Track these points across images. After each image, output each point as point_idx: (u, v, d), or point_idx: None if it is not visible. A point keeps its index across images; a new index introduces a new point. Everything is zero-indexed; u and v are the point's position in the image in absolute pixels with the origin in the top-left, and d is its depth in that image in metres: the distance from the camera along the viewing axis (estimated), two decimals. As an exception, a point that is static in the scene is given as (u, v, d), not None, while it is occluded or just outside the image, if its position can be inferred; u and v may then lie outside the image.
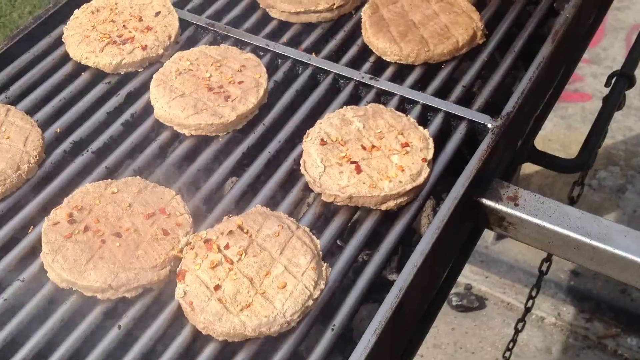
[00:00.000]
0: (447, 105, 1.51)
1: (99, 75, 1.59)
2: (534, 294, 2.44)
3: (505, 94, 1.57)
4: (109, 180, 1.32)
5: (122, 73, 1.59)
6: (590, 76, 5.26)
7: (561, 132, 4.36)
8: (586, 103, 5.02)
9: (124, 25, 1.64)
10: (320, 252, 1.22)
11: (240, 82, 1.52)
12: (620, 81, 1.98)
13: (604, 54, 5.45)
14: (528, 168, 3.75)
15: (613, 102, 1.94)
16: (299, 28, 1.73)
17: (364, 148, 1.38)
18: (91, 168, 1.40)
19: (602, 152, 4.16)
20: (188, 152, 1.44)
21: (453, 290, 3.17)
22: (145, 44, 1.60)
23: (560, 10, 1.72)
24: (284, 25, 1.74)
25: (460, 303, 3.28)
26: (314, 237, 1.24)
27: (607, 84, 2.03)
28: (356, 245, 1.27)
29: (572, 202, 2.38)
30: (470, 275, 3.50)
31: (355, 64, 1.64)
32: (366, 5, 1.71)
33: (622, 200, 3.97)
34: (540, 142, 1.87)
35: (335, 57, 1.66)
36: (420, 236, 1.32)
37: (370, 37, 1.64)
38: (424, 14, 1.67)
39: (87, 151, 1.43)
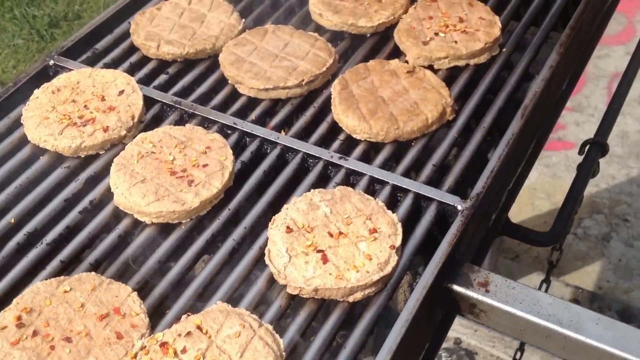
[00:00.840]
0: (416, 186, 1.47)
1: (58, 159, 1.54)
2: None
3: (476, 171, 1.53)
4: (62, 277, 1.26)
5: (82, 156, 1.54)
6: (573, 124, 5.29)
7: (546, 181, 4.35)
8: (569, 151, 5.03)
9: (85, 106, 1.60)
10: (284, 353, 1.16)
11: (204, 165, 1.47)
12: (593, 150, 1.95)
13: (586, 101, 5.48)
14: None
15: (586, 171, 1.91)
16: (268, 104, 1.69)
17: (330, 235, 1.33)
18: (45, 262, 1.33)
19: (586, 200, 4.14)
20: (148, 242, 1.38)
21: (442, 346, 3.12)
22: (107, 125, 1.55)
23: (535, 74, 1.69)
24: (252, 102, 1.70)
25: (450, 359, 3.22)
26: (277, 337, 1.18)
27: (580, 152, 2.00)
28: (319, 345, 1.21)
29: (551, 266, 2.34)
30: (459, 329, 3.44)
31: (324, 142, 1.60)
32: (336, 81, 1.68)
33: (607, 248, 3.95)
34: (526, 191, 1.83)
35: (304, 134, 1.62)
36: (397, 313, 1.27)
37: (340, 114, 1.60)
38: (393, 90, 1.64)
39: (42, 243, 1.37)
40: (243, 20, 1.86)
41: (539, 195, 4.14)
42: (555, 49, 1.74)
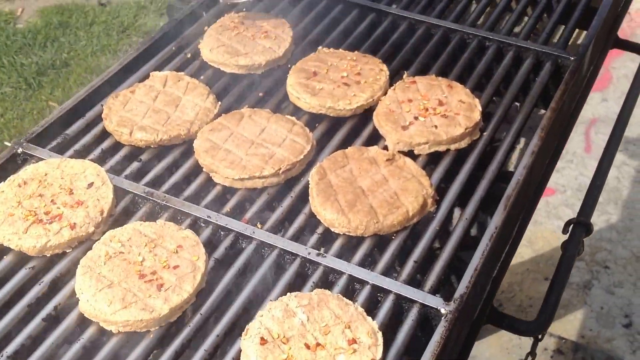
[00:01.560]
0: (397, 287, 1.41)
1: (22, 258, 1.47)
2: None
3: (459, 268, 1.47)
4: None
5: (48, 255, 1.47)
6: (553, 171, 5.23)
7: (527, 228, 4.34)
8: (550, 197, 5.01)
9: (52, 200, 1.53)
10: None
11: (175, 267, 1.41)
12: (577, 229, 1.91)
13: (565, 148, 5.46)
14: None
15: (572, 254, 1.86)
16: (244, 194, 1.63)
17: (307, 347, 1.26)
18: (5, 379, 1.26)
19: None
20: (114, 354, 1.31)
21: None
22: (75, 222, 1.49)
23: (513, 170, 1.65)
24: (227, 191, 1.64)
25: None
26: None
27: (564, 231, 1.96)
28: None
29: (536, 340, 2.28)
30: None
31: (302, 235, 1.54)
32: (313, 170, 1.62)
33: (589, 296, 3.91)
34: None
35: (281, 227, 1.57)
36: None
37: (318, 206, 1.55)
38: (373, 180, 1.59)
39: (2, 356, 1.30)
40: (219, 103, 1.81)
41: (520, 242, 4.12)
42: (537, 133, 1.70)
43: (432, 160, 1.69)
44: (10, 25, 6.01)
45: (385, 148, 1.70)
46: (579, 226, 1.89)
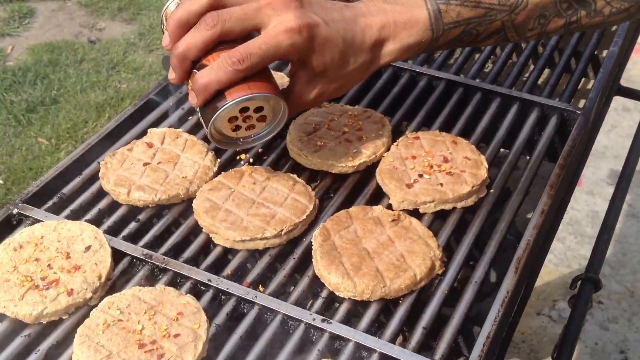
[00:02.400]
0: (406, 356, 1.36)
1: (18, 325, 1.42)
2: None
3: (469, 332, 1.43)
4: None
5: (44, 322, 1.42)
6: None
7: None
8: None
9: (49, 265, 1.49)
10: None
11: (176, 335, 1.36)
12: (586, 285, 1.87)
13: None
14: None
15: (582, 311, 1.82)
16: (245, 256, 1.59)
17: (314, 422, 1.21)
18: None
19: (559, 282, 4.07)
20: None
21: None
22: (72, 288, 1.44)
23: (522, 232, 1.61)
24: (228, 252, 1.60)
25: None
26: None
27: (571, 286, 1.92)
28: None
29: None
30: None
31: (306, 300, 1.50)
32: (317, 231, 1.58)
33: (583, 332, 3.87)
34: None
35: (283, 290, 1.52)
36: None
37: (322, 270, 1.50)
38: (378, 241, 1.55)
39: None
40: (218, 160, 1.78)
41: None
42: (545, 191, 1.67)
43: (438, 219, 1.65)
44: (1, 63, 6.03)
45: (390, 207, 1.66)
46: (588, 282, 1.85)
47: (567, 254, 4.35)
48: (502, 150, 1.86)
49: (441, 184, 1.67)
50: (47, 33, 6.69)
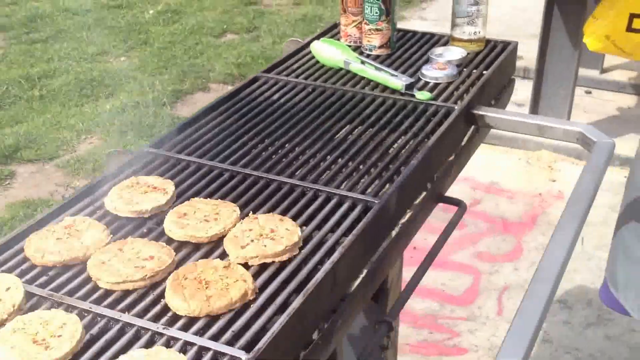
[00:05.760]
0: (216, 345, 2.00)
1: (-48, 335, 2.06)
2: None
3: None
4: None
5: (-29, 333, 2.06)
6: (467, 332, 5.85)
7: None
8: (464, 356, 5.55)
9: (-22, 297, 2.15)
10: None
11: (59, 336, 2.00)
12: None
13: (479, 312, 6.10)
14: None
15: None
16: (119, 293, 2.25)
17: (140, 377, 1.84)
18: None
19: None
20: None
21: None
22: (-8, 310, 2.10)
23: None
24: (110, 293, 2.26)
25: None
26: None
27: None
28: None
29: None
30: None
31: (157, 318, 2.15)
32: (171, 275, 2.26)
33: None
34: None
35: (146, 313, 2.17)
36: None
37: (169, 297, 2.17)
38: (212, 279, 2.22)
39: None
40: (111, 235, 2.48)
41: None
42: (338, 250, 2.37)
43: (260, 269, 2.34)
44: (-22, 221, 6.74)
45: (227, 261, 2.35)
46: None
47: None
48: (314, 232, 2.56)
49: (265, 245, 2.37)
50: (25, 192, 7.51)
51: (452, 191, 3.25)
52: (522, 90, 8.13)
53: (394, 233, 2.72)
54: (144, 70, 9.60)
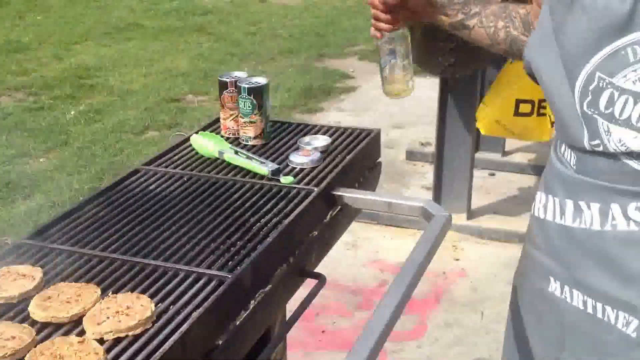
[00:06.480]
0: None
1: None
2: None
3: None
4: None
5: None
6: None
7: None
8: None
9: None
10: None
11: None
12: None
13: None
14: None
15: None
16: None
17: None
18: None
19: None
20: None
21: None
22: None
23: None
24: None
25: None
26: None
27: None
28: None
29: None
30: None
31: (10, 393, 2.31)
32: (30, 352, 2.44)
33: None
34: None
35: (-1, 390, 2.33)
36: None
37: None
38: (68, 351, 2.41)
39: None
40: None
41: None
42: (187, 322, 2.59)
43: (115, 342, 2.54)
44: None
45: (83, 339, 2.55)
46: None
47: None
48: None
49: (120, 321, 2.57)
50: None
51: (361, 274, 3.52)
52: (432, 174, 8.55)
53: (252, 305, 2.95)
54: (62, 170, 9.76)
